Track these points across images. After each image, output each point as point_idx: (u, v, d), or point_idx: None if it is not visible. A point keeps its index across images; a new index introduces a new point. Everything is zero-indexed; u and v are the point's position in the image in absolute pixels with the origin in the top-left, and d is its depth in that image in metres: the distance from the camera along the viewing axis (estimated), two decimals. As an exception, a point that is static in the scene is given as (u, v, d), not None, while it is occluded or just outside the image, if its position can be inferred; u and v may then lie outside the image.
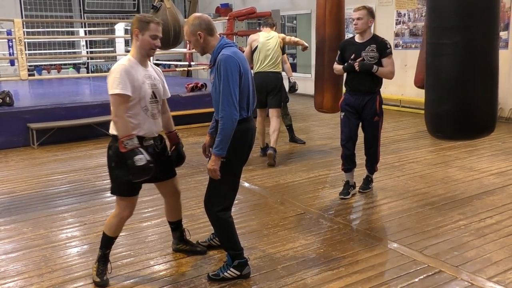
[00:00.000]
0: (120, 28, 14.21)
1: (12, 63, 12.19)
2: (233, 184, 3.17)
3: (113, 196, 3.27)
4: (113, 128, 3.07)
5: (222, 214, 3.14)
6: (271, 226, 4.13)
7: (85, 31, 14.92)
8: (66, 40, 14.84)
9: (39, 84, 11.46)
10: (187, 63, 12.78)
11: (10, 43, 11.96)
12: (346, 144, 4.74)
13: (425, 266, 3.36)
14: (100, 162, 6.20)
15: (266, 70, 6.12)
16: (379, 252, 3.61)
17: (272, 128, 6.16)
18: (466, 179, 5.33)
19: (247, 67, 3.07)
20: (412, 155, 6.43)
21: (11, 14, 12.40)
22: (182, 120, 7.94)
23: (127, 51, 13.60)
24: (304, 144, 7.16)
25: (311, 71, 11.64)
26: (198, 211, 4.48)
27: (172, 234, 3.65)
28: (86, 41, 14.80)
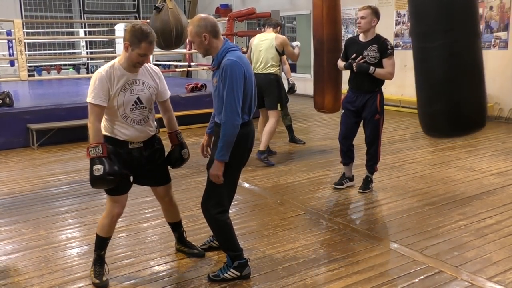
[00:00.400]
0: (120, 28, 14.19)
1: (12, 63, 12.19)
2: (231, 186, 3.16)
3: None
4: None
5: (220, 216, 3.14)
6: (271, 226, 4.13)
7: (85, 31, 14.93)
8: (66, 40, 14.84)
9: (39, 84, 11.45)
10: (187, 63, 12.78)
11: (10, 44, 11.98)
12: (342, 140, 4.97)
13: (425, 266, 3.36)
14: (100, 163, 6.19)
15: (258, 72, 6.09)
16: (379, 253, 3.62)
17: (264, 130, 6.14)
18: (466, 179, 5.33)
19: (251, 72, 3.07)
20: (412, 155, 6.43)
21: (11, 14, 12.39)
22: (181, 120, 7.80)
23: (127, 52, 13.66)
24: (304, 145, 7.16)
25: (310, 72, 11.63)
26: (198, 211, 4.47)
27: (173, 234, 3.66)
28: (86, 41, 14.79)
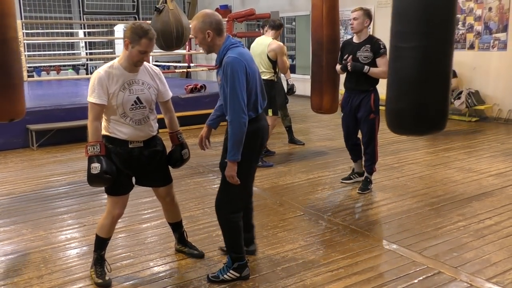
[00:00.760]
0: (119, 29, 14.20)
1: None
2: (244, 185, 3.10)
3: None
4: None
5: (233, 217, 3.12)
6: (270, 227, 4.13)
7: (84, 32, 14.94)
8: (65, 41, 14.85)
9: (38, 85, 11.44)
10: (186, 64, 12.79)
11: (9, 45, 11.96)
12: (345, 140, 5.16)
13: (424, 267, 3.36)
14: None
15: None
16: (379, 253, 3.62)
17: None
18: (465, 180, 5.34)
19: (254, 67, 3.04)
20: (411, 156, 6.44)
21: (10, 15, 12.37)
22: (181, 121, 7.74)
23: (127, 53, 13.67)
24: (303, 146, 7.17)
25: (310, 73, 11.64)
26: (197, 212, 4.49)
27: (173, 234, 3.66)
28: (86, 42, 14.80)
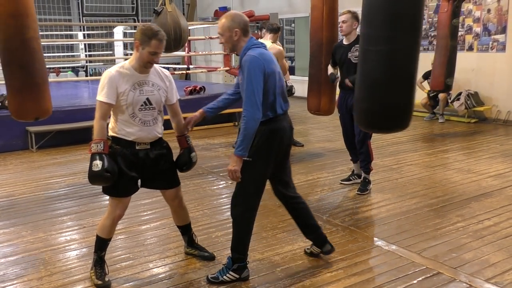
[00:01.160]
0: (118, 31, 14.23)
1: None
2: (257, 184, 3.12)
3: (112, 199, 3.28)
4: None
5: (246, 214, 3.13)
6: (270, 228, 4.14)
7: (83, 34, 14.94)
8: (64, 43, 14.86)
9: (38, 87, 11.42)
10: (185, 66, 12.80)
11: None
12: (344, 140, 5.26)
13: (423, 268, 3.37)
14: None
15: None
16: (378, 254, 3.63)
17: None
18: (464, 181, 5.35)
19: (273, 68, 3.04)
20: (410, 157, 6.44)
21: (10, 17, 12.38)
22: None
23: (126, 55, 13.66)
24: (303, 147, 7.17)
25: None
26: (197, 213, 4.49)
27: (182, 238, 3.64)
28: (85, 44, 14.81)
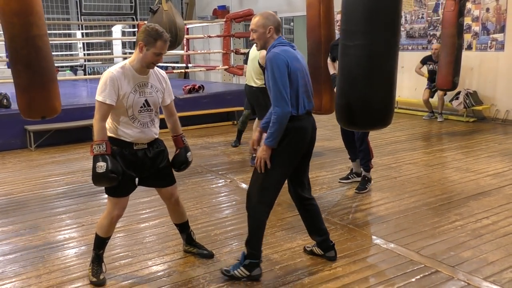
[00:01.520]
0: (117, 30, 14.23)
1: (9, 65, 12.16)
2: (274, 178, 3.11)
3: (110, 197, 3.29)
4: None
5: (259, 207, 3.13)
6: (269, 226, 4.11)
7: (82, 33, 14.93)
8: (63, 42, 14.83)
9: (36, 86, 11.42)
10: (184, 64, 12.78)
11: (7, 45, 11.95)
12: (343, 138, 5.29)
13: (421, 266, 3.37)
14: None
15: (246, 82, 6.11)
16: (376, 252, 3.63)
17: None
18: (462, 180, 5.36)
19: (297, 65, 3.04)
20: (409, 156, 6.45)
21: (8, 16, 12.36)
22: (179, 122, 7.93)
23: (125, 53, 13.65)
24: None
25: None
26: (195, 212, 4.49)
27: (181, 236, 3.64)
28: (83, 43, 14.79)
